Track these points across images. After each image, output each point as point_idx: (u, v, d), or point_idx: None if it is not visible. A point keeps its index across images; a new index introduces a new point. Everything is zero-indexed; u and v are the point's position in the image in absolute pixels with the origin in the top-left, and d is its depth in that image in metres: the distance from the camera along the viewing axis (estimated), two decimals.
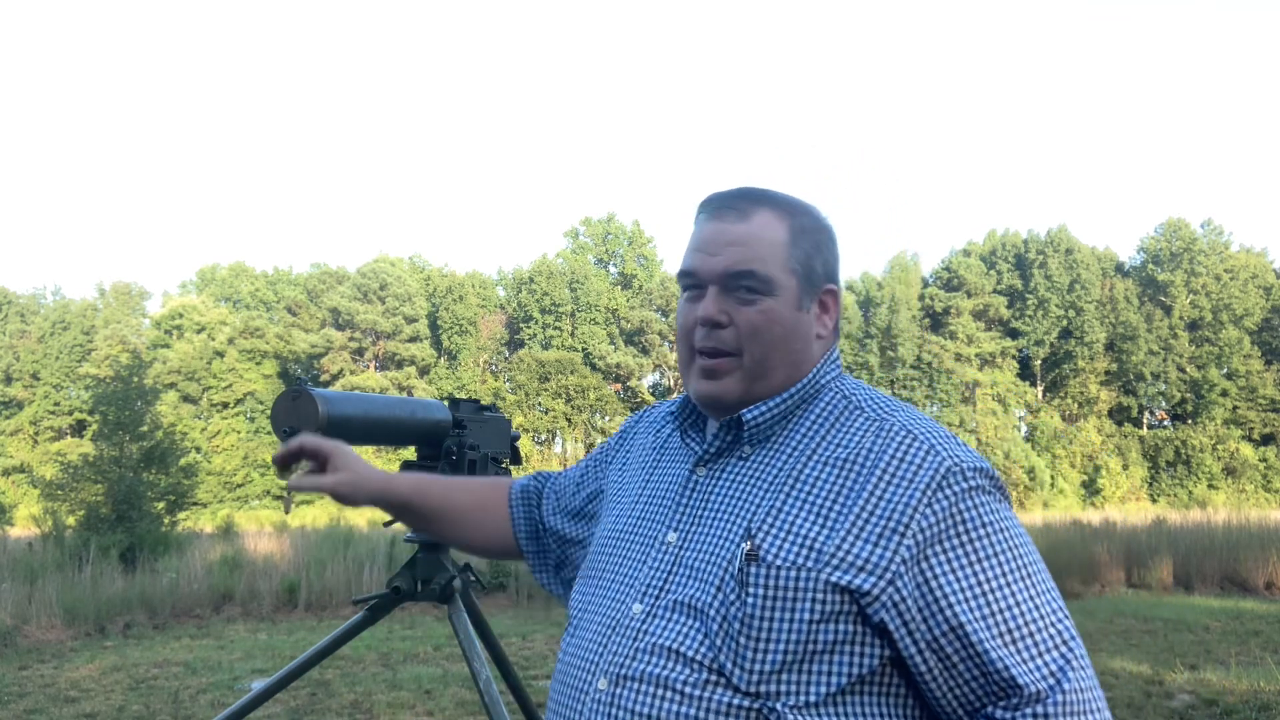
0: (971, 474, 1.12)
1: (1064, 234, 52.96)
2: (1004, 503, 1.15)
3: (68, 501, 13.68)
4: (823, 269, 1.26)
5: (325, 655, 2.51)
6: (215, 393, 49.72)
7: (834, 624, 1.09)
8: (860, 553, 1.09)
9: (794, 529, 1.13)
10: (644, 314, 51.70)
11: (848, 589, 1.08)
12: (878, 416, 1.19)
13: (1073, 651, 1.09)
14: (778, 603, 1.10)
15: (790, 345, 1.23)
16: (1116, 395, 52.41)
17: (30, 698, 6.21)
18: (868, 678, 1.11)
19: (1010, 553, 1.11)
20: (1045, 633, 1.09)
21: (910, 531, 1.09)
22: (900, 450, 1.14)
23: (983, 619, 1.08)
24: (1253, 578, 11.90)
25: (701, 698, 1.10)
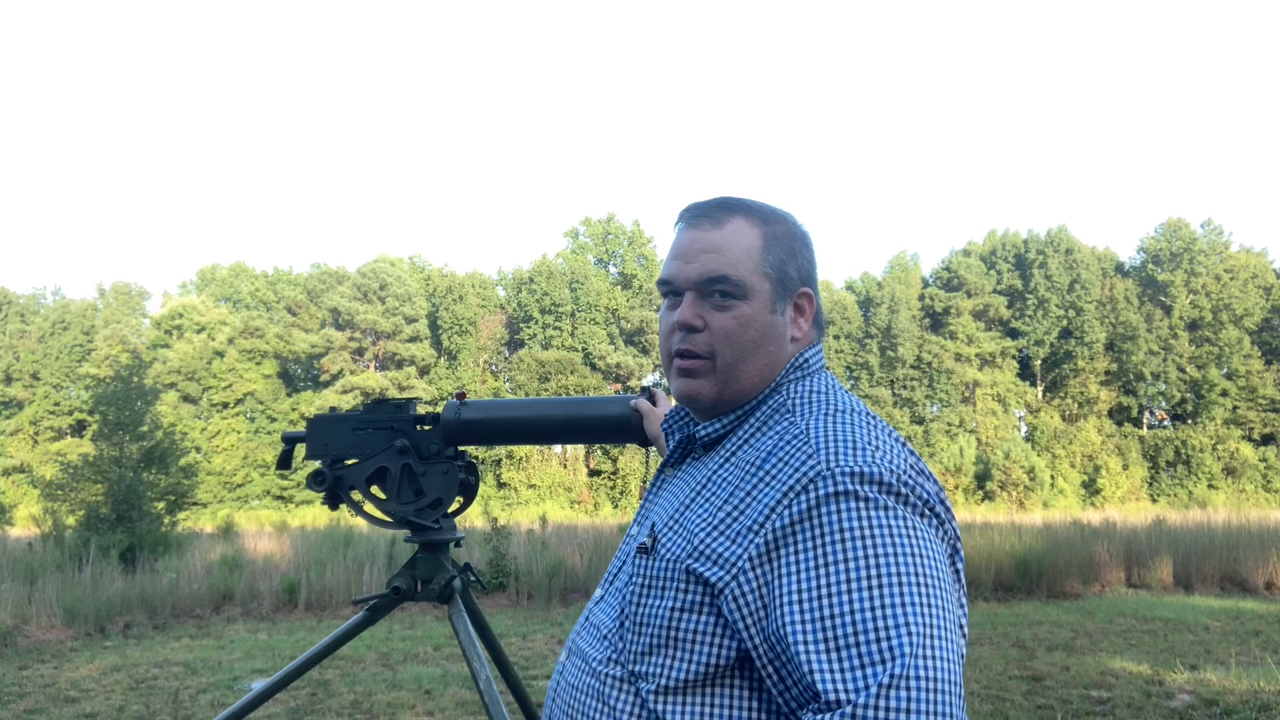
0: (844, 478, 1.08)
1: (1064, 234, 52.98)
2: (885, 511, 1.08)
3: (68, 501, 13.69)
4: (797, 274, 1.30)
5: (325, 655, 2.51)
6: (215, 393, 49.73)
7: (694, 614, 1.14)
8: (718, 547, 1.13)
9: (686, 525, 1.19)
10: (644, 314, 51.72)
11: (700, 578, 1.13)
12: (796, 419, 1.20)
13: (896, 667, 0.98)
14: (651, 590, 1.19)
15: (764, 348, 1.27)
16: (1116, 395, 52.42)
17: (30, 698, 6.21)
18: (724, 670, 1.13)
19: (863, 561, 1.04)
20: (870, 645, 1.00)
21: (764, 531, 1.10)
22: (787, 452, 1.15)
23: (804, 623, 1.04)
24: (1253, 578, 11.90)
25: (603, 673, 1.22)
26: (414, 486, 2.43)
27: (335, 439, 2.47)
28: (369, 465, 2.44)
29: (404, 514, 2.42)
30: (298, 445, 2.56)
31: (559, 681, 1.31)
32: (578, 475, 48.65)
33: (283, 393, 51.56)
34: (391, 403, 2.48)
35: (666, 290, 1.32)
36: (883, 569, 1.04)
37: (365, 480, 2.45)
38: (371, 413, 2.48)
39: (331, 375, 50.81)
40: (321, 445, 2.47)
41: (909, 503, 1.10)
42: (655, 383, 2.39)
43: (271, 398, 50.68)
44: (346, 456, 2.46)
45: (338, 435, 2.47)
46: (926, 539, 1.09)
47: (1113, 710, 5.56)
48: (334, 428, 2.48)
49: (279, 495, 48.01)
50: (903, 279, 53.29)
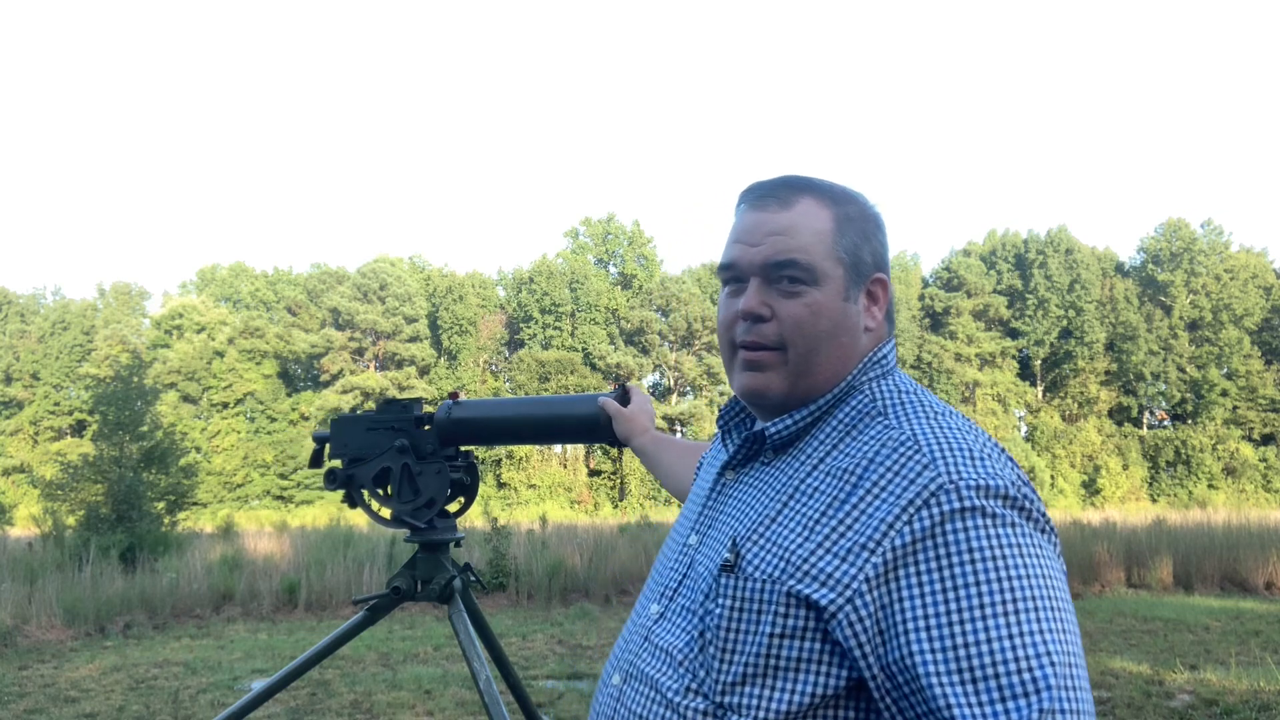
0: (970, 493, 0.99)
1: (1064, 234, 52.98)
2: (1013, 529, 1.00)
3: (68, 501, 13.69)
4: (871, 258, 1.19)
5: (325, 655, 2.51)
6: (215, 393, 49.72)
7: (797, 640, 1.04)
8: (826, 566, 1.03)
9: (778, 540, 1.08)
10: (644, 314, 51.71)
11: (807, 601, 1.03)
12: (894, 423, 1.10)
13: (1045, 701, 0.92)
14: (744, 614, 1.07)
15: (837, 339, 1.16)
16: (1116, 395, 52.42)
17: (30, 698, 6.21)
18: (830, 700, 1.04)
19: (996, 584, 0.96)
20: (1013, 677, 0.93)
21: (880, 549, 1.00)
22: (897, 461, 1.05)
23: (937, 652, 0.95)
24: (1253, 578, 11.90)
25: (680, 704, 1.09)
26: (412, 486, 2.44)
27: (353, 439, 2.50)
28: (375, 465, 2.45)
29: (401, 513, 2.43)
30: (326, 445, 2.59)
31: (619, 709, 1.16)
32: (578, 475, 48.64)
33: (283, 393, 51.56)
34: (399, 403, 2.50)
35: (728, 276, 1.21)
36: (1017, 593, 0.96)
37: (372, 480, 2.46)
38: (382, 413, 2.50)
39: (331, 375, 50.80)
40: (341, 445, 2.51)
41: (1031, 518, 1.02)
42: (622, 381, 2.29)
43: (271, 398, 50.67)
44: (361, 456, 2.48)
45: (355, 435, 2.50)
46: (1051, 558, 1.02)
47: (1113, 710, 5.55)
48: (351, 428, 2.51)
49: (279, 495, 48.00)
50: (902, 279, 53.28)
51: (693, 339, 51.66)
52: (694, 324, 50.88)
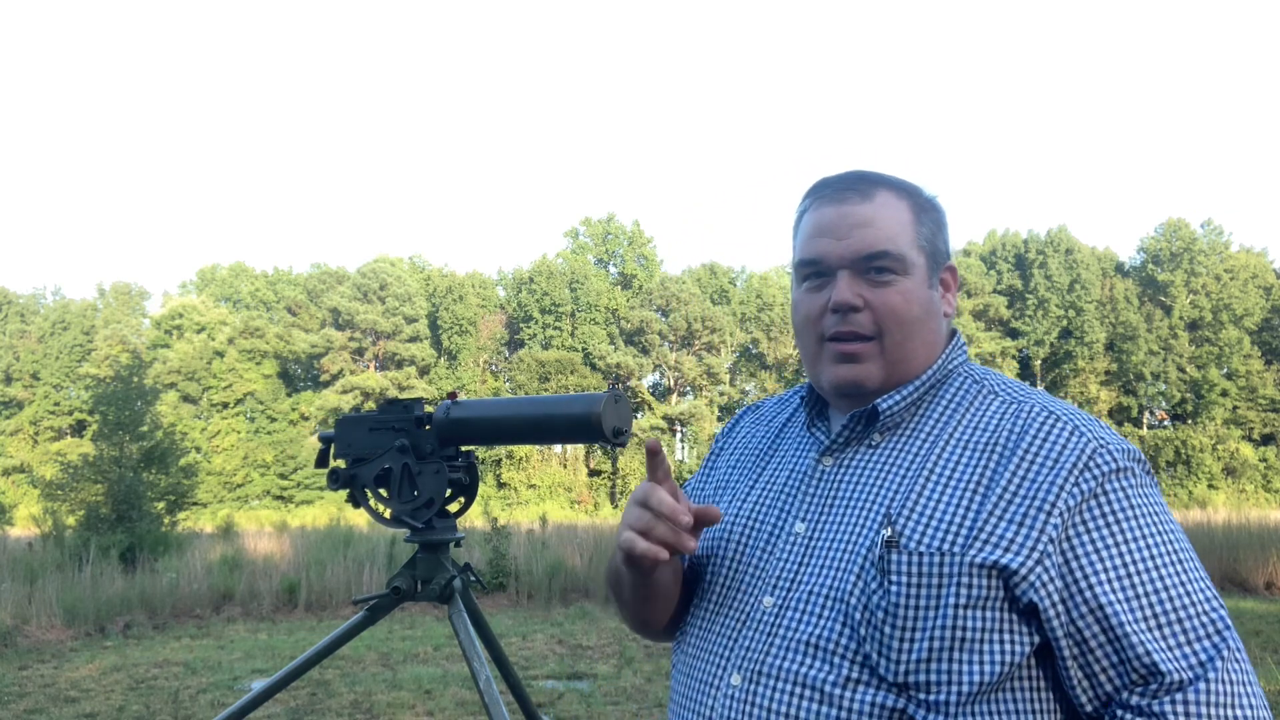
0: (1120, 454, 1.09)
1: (1064, 234, 52.98)
2: (1154, 488, 1.11)
3: (68, 501, 13.69)
4: (944, 246, 1.25)
5: (325, 655, 2.51)
6: (215, 393, 49.73)
7: (982, 610, 1.04)
8: (1005, 533, 1.05)
9: (935, 514, 1.09)
10: (644, 314, 51.69)
11: (995, 567, 1.04)
12: (1014, 399, 1.16)
13: (1226, 643, 1.02)
14: (923, 589, 1.05)
15: (927, 325, 1.20)
16: (1116, 395, 52.43)
17: (30, 698, 6.21)
18: (1017, 670, 1.06)
19: (1159, 535, 1.06)
20: (1196, 620, 1.02)
21: (1057, 510, 1.05)
22: (1043, 431, 1.10)
23: (1126, 601, 1.02)
24: (1253, 578, 11.89)
25: (843, 697, 1.06)
26: (411, 486, 2.44)
27: (356, 439, 2.51)
28: (376, 465, 2.46)
29: (400, 513, 2.43)
30: (331, 445, 2.60)
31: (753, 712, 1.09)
32: (578, 475, 48.64)
33: (283, 393, 51.56)
34: (400, 403, 2.50)
35: (812, 270, 1.21)
36: (1176, 544, 1.07)
37: (374, 480, 2.46)
38: (383, 413, 2.50)
39: (331, 375, 50.80)
40: (346, 445, 2.51)
41: (1153, 476, 1.13)
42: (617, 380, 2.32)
43: (271, 398, 50.68)
44: (364, 456, 2.49)
45: (358, 435, 2.51)
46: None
47: None
48: (354, 428, 2.51)
49: (279, 495, 48.00)
50: None
51: (692, 339, 51.65)
52: (694, 324, 50.87)
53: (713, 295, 53.14)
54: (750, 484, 1.29)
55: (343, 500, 2.51)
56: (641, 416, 51.18)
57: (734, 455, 1.37)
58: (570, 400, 2.32)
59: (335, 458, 2.55)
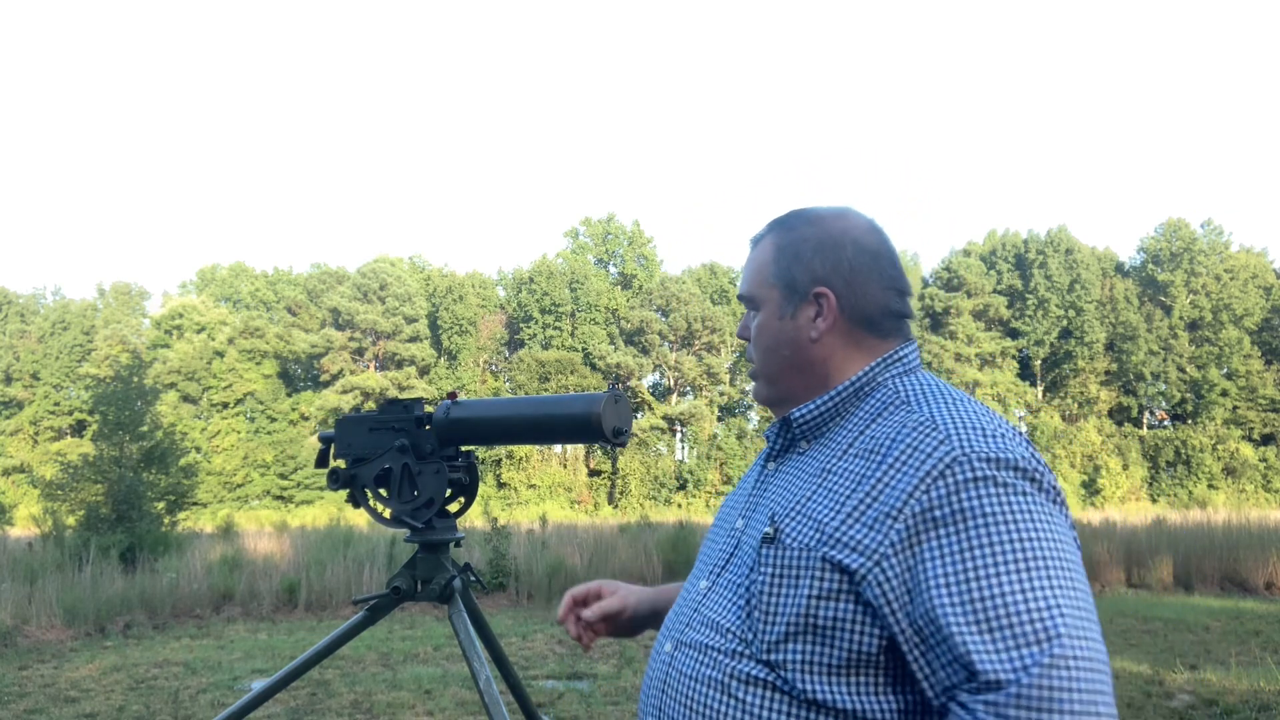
0: (982, 464, 1.11)
1: (1064, 234, 52.97)
2: (1024, 496, 1.11)
3: (68, 501, 13.68)
4: (806, 275, 1.33)
5: (325, 655, 2.51)
6: (215, 393, 49.72)
7: (833, 601, 1.14)
8: (855, 534, 1.14)
9: (812, 514, 1.21)
10: (644, 314, 51.68)
11: (840, 566, 1.14)
12: (915, 408, 1.22)
13: (1055, 647, 1.01)
14: (784, 579, 1.19)
15: (780, 353, 1.35)
16: (1116, 395, 52.42)
17: (30, 698, 6.21)
18: (868, 658, 1.14)
19: (1008, 544, 1.07)
20: (1027, 626, 1.03)
21: (903, 516, 1.11)
22: (915, 438, 1.16)
23: (956, 605, 1.06)
24: (1253, 578, 11.89)
25: (729, 665, 1.22)
26: (411, 486, 2.44)
27: (356, 439, 2.51)
28: (376, 465, 2.45)
29: (400, 513, 2.43)
30: (331, 445, 2.59)
31: (670, 673, 1.30)
32: (578, 475, 48.63)
33: (283, 393, 51.56)
34: (400, 403, 2.50)
35: None
36: (1029, 551, 1.07)
37: (374, 480, 2.46)
38: (384, 413, 2.50)
39: (331, 375, 50.79)
40: (345, 445, 2.51)
41: (1043, 488, 1.13)
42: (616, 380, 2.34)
43: (271, 398, 50.67)
44: (364, 456, 2.48)
45: (358, 435, 2.51)
46: (1061, 524, 1.12)
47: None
48: (355, 428, 2.51)
49: (279, 495, 48.00)
50: None
51: (693, 339, 51.64)
52: (694, 324, 50.86)
53: (713, 295, 53.13)
54: (739, 487, 1.49)
55: (343, 500, 2.50)
56: (641, 416, 51.17)
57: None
58: (570, 400, 2.31)
59: (335, 458, 2.55)
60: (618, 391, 2.23)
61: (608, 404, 2.19)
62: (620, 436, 2.16)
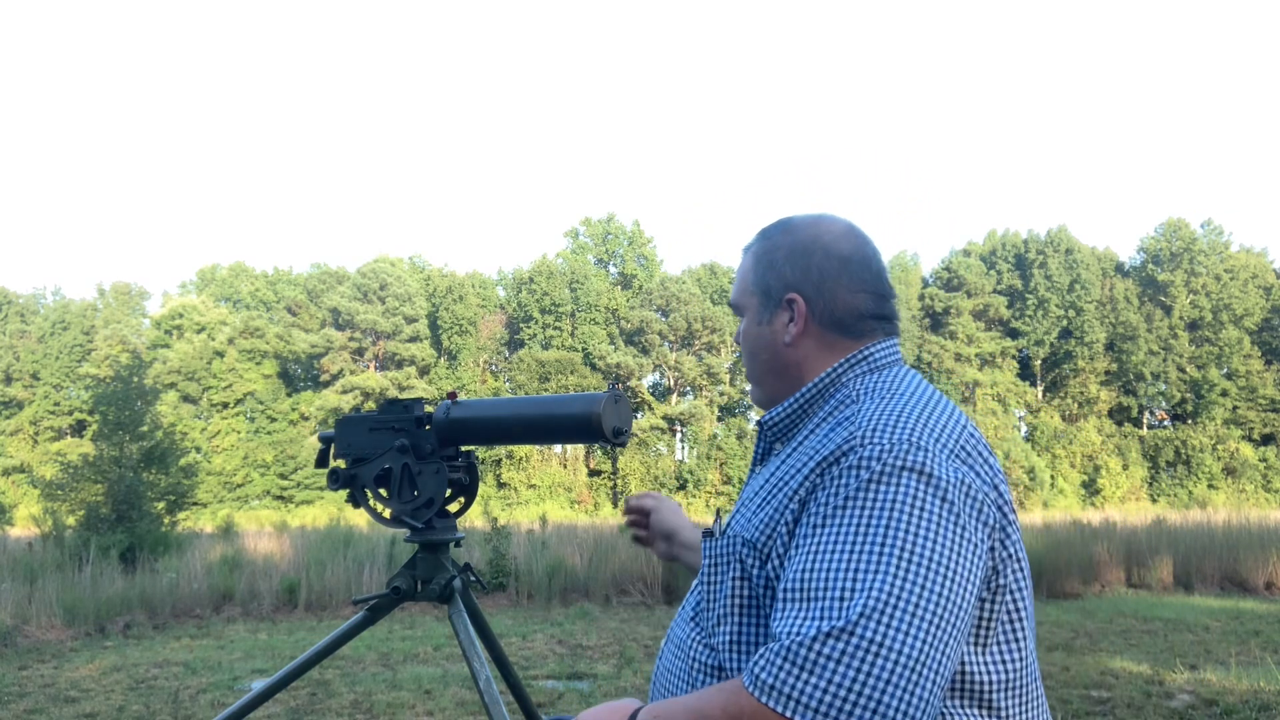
0: (868, 453, 1.15)
1: (1064, 234, 52.97)
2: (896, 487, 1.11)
3: (68, 501, 13.68)
4: (779, 282, 1.38)
5: (325, 655, 2.51)
6: (215, 393, 49.72)
7: (749, 583, 1.24)
8: (764, 515, 1.25)
9: (748, 506, 1.31)
10: (644, 314, 51.68)
11: (750, 543, 1.24)
12: (855, 404, 1.28)
13: (841, 622, 1.03)
14: (718, 566, 1.29)
15: (759, 357, 1.42)
16: (1116, 395, 52.42)
17: (30, 698, 6.21)
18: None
19: (855, 528, 1.10)
20: (824, 601, 1.06)
21: (797, 497, 1.21)
22: (832, 433, 1.24)
23: (792, 575, 1.13)
24: (1253, 578, 11.89)
25: (690, 655, 1.32)
26: (411, 486, 2.44)
27: (356, 439, 2.51)
28: (377, 465, 2.46)
29: (400, 513, 2.43)
30: (331, 445, 2.59)
31: (659, 667, 1.42)
32: (578, 475, 48.64)
33: (283, 393, 51.55)
34: (401, 403, 2.50)
35: None
36: (869, 537, 1.09)
37: (374, 480, 2.46)
38: (384, 413, 2.50)
39: (331, 375, 50.79)
40: (346, 445, 2.51)
41: (930, 481, 1.13)
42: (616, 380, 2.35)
43: (271, 398, 50.67)
44: (364, 456, 2.49)
45: (358, 435, 2.51)
46: (935, 519, 1.10)
47: (1113, 710, 5.55)
48: (355, 428, 2.51)
49: (279, 495, 47.99)
50: (902, 279, 53.27)
51: (693, 339, 51.65)
52: (694, 324, 50.86)
53: (713, 295, 53.13)
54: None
55: (343, 500, 2.50)
56: (641, 416, 51.17)
57: None
58: (570, 400, 2.31)
59: (335, 458, 2.55)
60: (618, 391, 2.22)
61: (608, 404, 2.18)
62: (620, 437, 2.16)
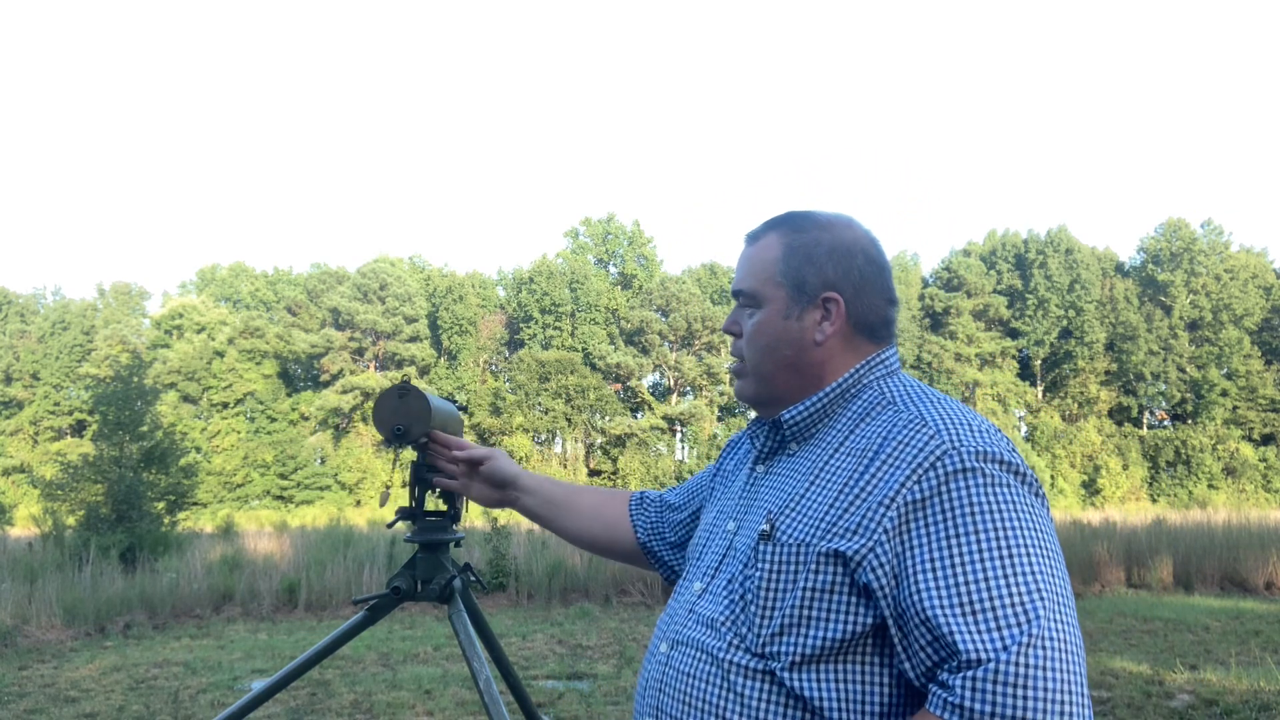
0: (970, 456, 1.16)
1: (1064, 234, 52.97)
2: (1007, 488, 1.16)
3: (68, 501, 13.68)
4: (819, 280, 1.35)
5: (325, 655, 2.51)
6: (215, 393, 49.71)
7: (829, 594, 1.19)
8: (850, 522, 1.19)
9: (806, 511, 1.25)
10: (644, 314, 51.68)
11: (837, 554, 1.18)
12: (904, 408, 1.27)
13: (1034, 628, 1.06)
14: (782, 574, 1.23)
15: (780, 352, 1.36)
16: (1116, 395, 52.41)
17: (30, 698, 6.21)
18: (857, 639, 1.18)
19: (991, 532, 1.12)
20: (1007, 609, 1.08)
21: (895, 505, 1.16)
22: (907, 435, 1.21)
23: (939, 589, 1.11)
24: (1253, 578, 11.88)
25: (723, 659, 1.26)
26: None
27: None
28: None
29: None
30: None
31: (667, 671, 1.34)
32: (578, 475, 48.63)
33: (283, 393, 51.55)
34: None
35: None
36: (1012, 539, 1.12)
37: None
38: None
39: (331, 375, 50.79)
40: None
41: (1026, 481, 1.18)
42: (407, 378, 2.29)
43: (271, 398, 50.66)
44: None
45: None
46: (1043, 514, 1.17)
47: (1113, 710, 5.55)
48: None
49: (279, 495, 47.99)
50: (902, 279, 53.27)
51: (693, 339, 51.64)
52: (694, 324, 50.85)
53: (713, 295, 53.12)
54: (725, 493, 1.51)
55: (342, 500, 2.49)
56: (641, 416, 51.19)
57: (728, 468, 1.59)
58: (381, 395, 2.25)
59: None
60: (407, 385, 2.09)
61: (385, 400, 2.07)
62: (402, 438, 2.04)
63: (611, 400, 50.12)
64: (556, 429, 49.93)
